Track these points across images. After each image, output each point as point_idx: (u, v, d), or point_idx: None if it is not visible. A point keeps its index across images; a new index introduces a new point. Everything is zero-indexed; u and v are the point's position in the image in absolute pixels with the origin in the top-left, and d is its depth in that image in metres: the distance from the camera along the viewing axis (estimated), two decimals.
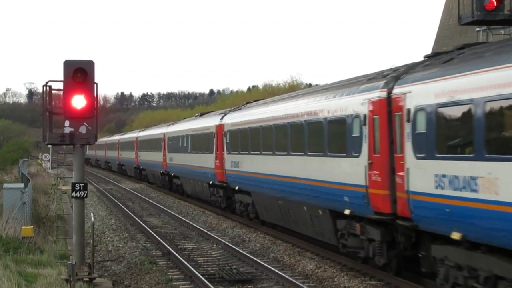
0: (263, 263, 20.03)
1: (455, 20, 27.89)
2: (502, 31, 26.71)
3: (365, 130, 17.25)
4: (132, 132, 78.68)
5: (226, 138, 30.96)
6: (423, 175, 14.69)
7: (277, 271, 18.72)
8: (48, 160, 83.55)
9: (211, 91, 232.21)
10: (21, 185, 30.32)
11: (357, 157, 17.61)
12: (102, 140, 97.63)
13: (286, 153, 22.92)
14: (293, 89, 72.29)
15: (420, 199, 14.84)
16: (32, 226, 24.21)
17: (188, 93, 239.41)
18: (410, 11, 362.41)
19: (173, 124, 49.82)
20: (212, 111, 42.63)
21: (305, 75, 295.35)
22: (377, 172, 16.69)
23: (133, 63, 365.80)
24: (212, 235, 26.25)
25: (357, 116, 17.73)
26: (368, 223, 17.62)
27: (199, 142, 36.68)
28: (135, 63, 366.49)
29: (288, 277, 17.85)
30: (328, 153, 19.51)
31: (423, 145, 14.71)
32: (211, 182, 34.01)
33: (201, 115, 41.87)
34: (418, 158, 14.91)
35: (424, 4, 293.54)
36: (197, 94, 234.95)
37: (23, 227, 23.64)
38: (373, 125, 16.91)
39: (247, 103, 31.78)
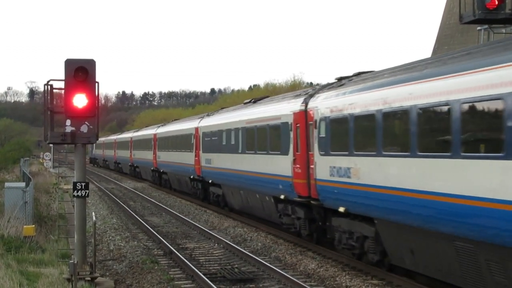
0: (264, 262, 20.02)
1: (456, 19, 27.91)
2: (504, 30, 26.73)
3: None
4: (148, 128, 66.79)
5: (318, 131, 20.60)
6: None
7: (278, 270, 18.72)
8: (50, 159, 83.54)
9: (212, 90, 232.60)
10: (23, 184, 30.32)
11: None
12: (111, 138, 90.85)
13: None
14: (295, 89, 71.31)
15: None
16: (33, 225, 24.23)
17: (189, 92, 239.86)
18: (411, 10, 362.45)
19: (208, 115, 38.60)
20: (267, 96, 31.62)
21: (307, 74, 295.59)
22: None
23: (134, 62, 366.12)
24: (213, 234, 26.25)
25: None
26: None
27: (260, 138, 26.42)
28: (136, 62, 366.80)
29: (290, 276, 17.85)
30: None
31: None
32: (282, 197, 23.84)
33: (255, 101, 30.88)
34: None
35: (425, 3, 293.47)
36: (198, 93, 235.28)
37: (24, 226, 23.65)
38: None
39: (357, 74, 20.66)
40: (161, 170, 51.45)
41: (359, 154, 17.68)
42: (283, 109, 24.06)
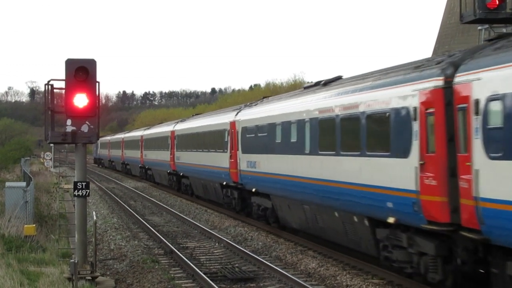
0: (265, 261, 20.04)
1: (456, 18, 27.90)
2: (504, 30, 26.73)
3: None
4: (163, 124, 57.78)
5: (484, 118, 12.96)
6: None
7: (279, 269, 18.72)
8: (50, 159, 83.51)
9: (213, 89, 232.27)
10: (23, 183, 30.37)
11: None
12: (118, 136, 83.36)
13: None
14: (296, 88, 71.23)
15: None
16: (34, 225, 24.24)
17: (190, 91, 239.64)
18: (411, 10, 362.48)
19: (248, 106, 30.67)
20: (340, 77, 22.24)
21: (308, 74, 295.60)
22: None
23: (135, 62, 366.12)
24: (214, 233, 26.26)
25: None
26: None
27: (346, 133, 18.65)
28: (137, 62, 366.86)
29: (291, 276, 17.85)
30: None
31: None
32: (391, 220, 16.28)
33: (325, 83, 22.24)
34: None
35: (425, 3, 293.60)
36: (199, 93, 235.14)
37: (25, 225, 23.67)
38: None
39: None
40: (181, 174, 43.96)
41: None
42: (395, 89, 16.38)
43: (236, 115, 30.56)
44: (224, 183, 31.79)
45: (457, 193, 13.84)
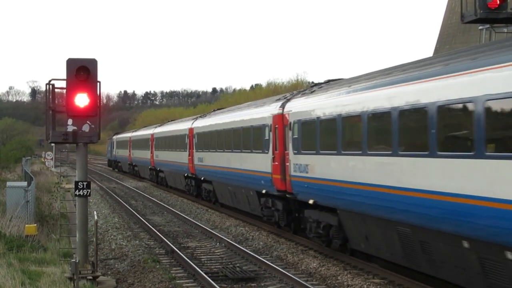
0: (266, 261, 20.03)
1: (458, 18, 27.96)
2: (505, 29, 26.72)
3: None
4: (231, 109, 34.74)
5: None
6: None
7: (280, 269, 18.72)
8: (51, 159, 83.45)
9: (214, 89, 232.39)
10: (24, 183, 30.35)
11: None
12: (144, 133, 59.55)
13: None
14: (297, 88, 70.32)
15: None
16: (35, 224, 24.23)
17: (191, 91, 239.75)
18: (412, 9, 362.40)
19: None
20: None
21: (310, 74, 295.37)
22: None
23: (136, 61, 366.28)
24: (215, 233, 26.26)
25: None
26: None
27: None
28: (138, 61, 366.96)
29: (292, 275, 17.85)
30: None
31: None
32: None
33: None
34: None
35: (426, 2, 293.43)
36: (200, 93, 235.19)
37: (26, 225, 23.65)
38: None
39: None
40: (304, 197, 21.78)
41: None
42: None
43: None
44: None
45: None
